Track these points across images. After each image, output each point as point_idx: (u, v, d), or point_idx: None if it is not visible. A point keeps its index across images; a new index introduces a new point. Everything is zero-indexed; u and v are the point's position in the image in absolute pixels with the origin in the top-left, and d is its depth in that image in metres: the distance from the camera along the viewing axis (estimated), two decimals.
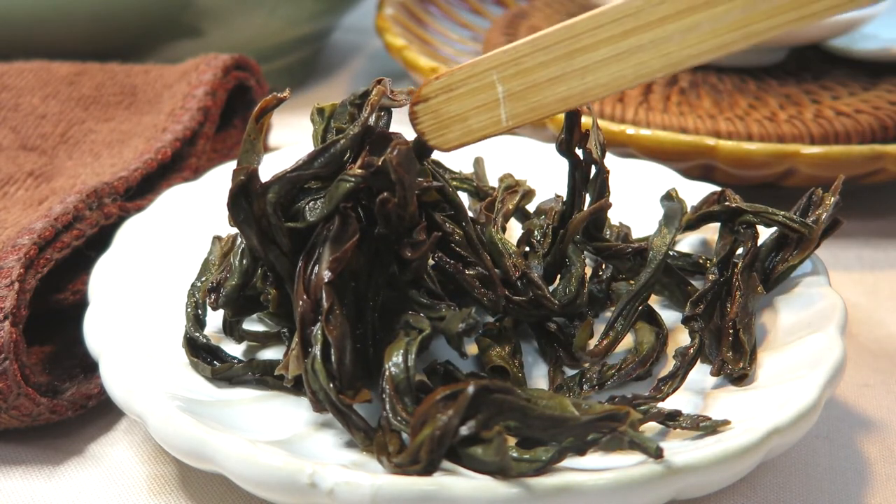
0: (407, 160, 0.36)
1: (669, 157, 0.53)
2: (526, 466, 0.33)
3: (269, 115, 0.39)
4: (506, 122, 0.38)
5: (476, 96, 0.38)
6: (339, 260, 0.36)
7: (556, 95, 0.37)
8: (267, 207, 0.37)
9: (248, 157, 0.39)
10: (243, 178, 0.36)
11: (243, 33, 0.66)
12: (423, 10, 0.74)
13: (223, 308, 0.40)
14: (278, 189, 0.37)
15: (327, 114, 0.40)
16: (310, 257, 0.36)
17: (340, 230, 0.36)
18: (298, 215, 0.38)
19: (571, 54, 0.36)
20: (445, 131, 0.39)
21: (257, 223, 0.37)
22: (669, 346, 0.41)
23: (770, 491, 0.39)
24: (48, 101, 0.54)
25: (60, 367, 0.42)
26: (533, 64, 0.37)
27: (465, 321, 0.36)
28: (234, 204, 0.37)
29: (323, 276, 0.35)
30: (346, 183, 0.37)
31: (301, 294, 0.36)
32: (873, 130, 0.59)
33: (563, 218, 0.43)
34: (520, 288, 0.41)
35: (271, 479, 0.33)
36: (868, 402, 0.45)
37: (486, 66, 0.38)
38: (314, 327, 0.35)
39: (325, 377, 0.35)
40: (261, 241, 0.37)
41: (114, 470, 0.40)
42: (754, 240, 0.43)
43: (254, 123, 0.39)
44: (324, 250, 0.36)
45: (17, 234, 0.42)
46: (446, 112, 0.39)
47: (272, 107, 0.39)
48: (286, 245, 0.37)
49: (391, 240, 0.38)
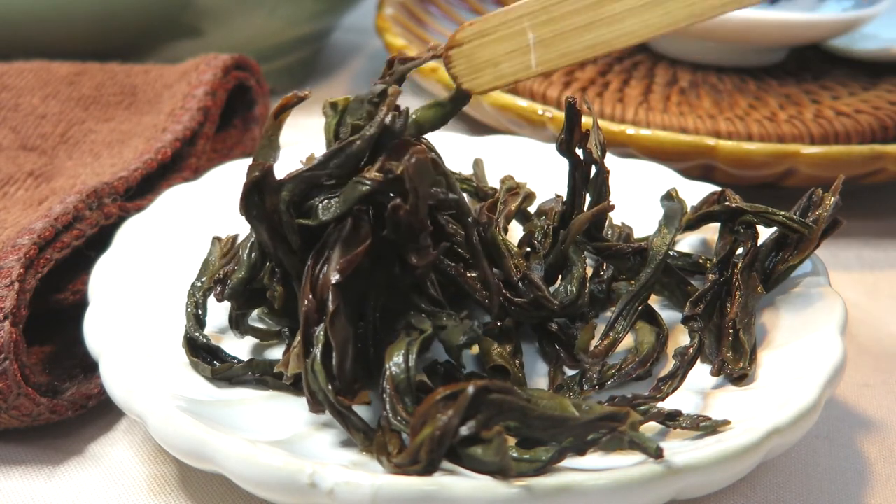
0: (423, 170, 0.36)
1: (669, 157, 0.53)
2: (526, 466, 0.33)
3: (288, 112, 0.39)
4: (535, 67, 0.39)
5: (508, 42, 0.39)
6: (349, 263, 0.36)
7: (584, 43, 0.38)
8: (280, 205, 0.37)
9: (265, 152, 0.39)
10: (258, 173, 0.36)
11: (243, 33, 0.66)
12: (423, 10, 0.74)
13: (229, 300, 0.40)
14: (292, 187, 0.37)
15: (340, 107, 0.40)
16: (319, 256, 0.36)
17: (352, 232, 0.36)
18: (311, 212, 0.37)
19: (600, 3, 0.38)
20: (478, 75, 0.40)
21: (269, 219, 0.37)
22: (669, 346, 0.41)
23: (770, 491, 0.39)
24: (48, 101, 0.54)
25: (60, 367, 0.42)
26: (562, 12, 0.38)
27: (467, 334, 0.36)
28: (248, 199, 0.37)
29: (331, 277, 0.35)
30: (361, 186, 0.36)
31: (307, 293, 0.35)
32: (873, 130, 0.59)
33: (563, 218, 0.43)
34: (521, 289, 0.41)
35: (271, 479, 0.33)
36: (868, 402, 0.45)
37: (518, 14, 0.39)
38: (317, 328, 0.35)
39: (324, 378, 0.35)
40: (271, 237, 0.37)
41: (114, 470, 0.40)
42: (754, 240, 0.43)
43: (273, 120, 0.39)
44: (334, 251, 0.36)
45: (17, 234, 0.42)
46: (479, 57, 0.40)
47: (293, 104, 0.38)
48: (296, 242, 0.37)
49: (397, 244, 0.38)
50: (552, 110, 0.56)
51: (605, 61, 0.66)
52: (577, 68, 0.65)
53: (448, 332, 0.37)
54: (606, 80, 0.64)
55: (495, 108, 0.58)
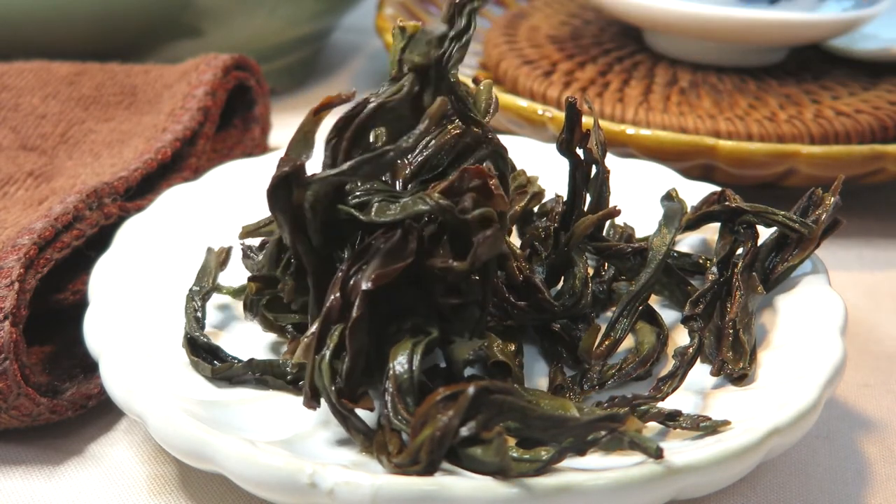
0: (493, 248, 0.36)
1: (669, 157, 0.53)
2: (526, 467, 0.33)
3: (328, 110, 0.38)
4: None
5: None
6: (384, 275, 0.35)
7: None
8: (304, 203, 0.36)
9: (299, 148, 0.38)
10: (288, 169, 0.36)
11: (243, 33, 0.66)
12: (423, 10, 0.74)
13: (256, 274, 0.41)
14: (317, 189, 0.36)
15: (409, 33, 0.39)
16: (359, 258, 0.36)
17: (398, 246, 0.36)
18: (365, 206, 0.37)
19: None
20: None
21: (293, 214, 0.36)
22: (669, 346, 0.41)
23: (770, 491, 0.39)
24: (48, 101, 0.54)
25: (60, 367, 0.42)
26: None
27: (475, 351, 0.36)
28: (275, 192, 0.36)
29: (362, 283, 0.35)
30: (422, 205, 0.36)
31: (336, 289, 0.35)
32: (873, 130, 0.59)
33: (564, 218, 0.43)
34: (523, 292, 0.41)
35: (271, 479, 0.33)
36: (868, 402, 0.45)
37: None
38: (335, 326, 0.35)
39: (329, 377, 0.35)
40: (292, 232, 0.37)
41: (114, 470, 0.40)
42: (754, 240, 0.43)
43: (311, 116, 0.38)
44: (374, 257, 0.35)
45: (17, 234, 0.42)
46: None
47: (336, 104, 0.38)
48: (318, 241, 0.37)
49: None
50: (552, 110, 0.56)
51: (605, 61, 0.66)
52: (577, 68, 0.65)
53: (455, 347, 0.37)
54: (606, 80, 0.64)
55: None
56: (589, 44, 0.69)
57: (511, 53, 0.67)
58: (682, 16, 0.61)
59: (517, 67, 0.65)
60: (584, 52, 0.67)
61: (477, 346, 0.37)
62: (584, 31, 0.71)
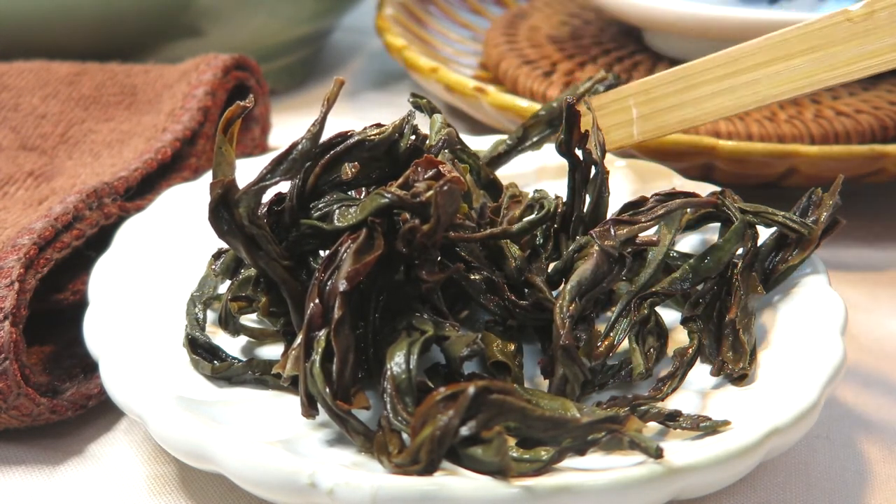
0: (451, 199, 0.36)
1: (669, 157, 0.53)
2: (526, 467, 0.33)
3: (236, 124, 0.38)
4: (636, 136, 0.48)
5: (617, 116, 0.48)
6: (357, 272, 0.35)
7: (675, 119, 0.47)
8: (243, 220, 0.37)
9: (222, 168, 0.38)
10: (220, 191, 0.36)
11: (243, 33, 0.66)
12: (423, 10, 0.74)
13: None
14: (248, 201, 0.37)
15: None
16: (330, 263, 0.36)
17: (365, 244, 0.36)
18: (327, 216, 0.38)
19: (687, 89, 0.47)
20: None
21: (242, 232, 0.37)
22: (669, 347, 0.41)
23: (770, 491, 0.39)
24: (48, 101, 0.54)
25: (60, 367, 0.42)
26: (659, 94, 0.47)
27: (470, 347, 0.36)
28: (216, 217, 0.37)
29: (339, 285, 0.35)
30: (382, 199, 0.36)
31: (314, 297, 0.35)
32: (873, 130, 0.59)
33: (563, 219, 0.43)
34: (523, 292, 0.41)
35: (271, 479, 0.33)
36: (868, 402, 0.45)
37: (625, 94, 0.48)
38: (319, 332, 0.35)
39: (322, 382, 0.35)
40: (248, 250, 0.37)
41: (114, 470, 0.40)
42: (754, 240, 0.43)
43: (222, 135, 0.38)
44: (345, 259, 0.36)
45: (17, 234, 0.42)
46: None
47: (237, 116, 0.38)
48: (274, 251, 0.37)
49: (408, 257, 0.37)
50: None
51: (605, 61, 0.66)
52: (577, 68, 0.65)
53: (451, 343, 0.37)
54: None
55: (495, 108, 0.58)
56: (589, 44, 0.69)
57: (511, 53, 0.67)
58: (682, 16, 0.61)
59: (517, 67, 0.65)
60: (584, 52, 0.67)
61: (472, 339, 0.37)
62: (583, 31, 0.71)
